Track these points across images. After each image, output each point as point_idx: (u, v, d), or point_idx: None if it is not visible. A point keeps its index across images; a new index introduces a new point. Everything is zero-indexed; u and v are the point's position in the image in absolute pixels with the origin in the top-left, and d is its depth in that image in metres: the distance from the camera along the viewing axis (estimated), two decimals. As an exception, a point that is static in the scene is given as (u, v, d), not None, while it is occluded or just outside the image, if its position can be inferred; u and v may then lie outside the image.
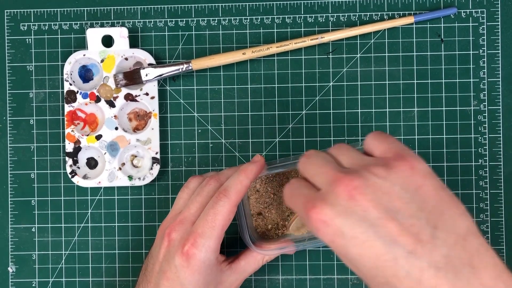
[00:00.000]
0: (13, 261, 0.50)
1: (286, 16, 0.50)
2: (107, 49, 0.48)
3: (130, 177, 0.48)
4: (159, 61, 0.50)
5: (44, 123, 0.50)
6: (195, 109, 0.50)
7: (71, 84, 0.49)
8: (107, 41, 0.49)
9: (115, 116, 0.49)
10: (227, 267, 0.43)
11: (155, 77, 0.48)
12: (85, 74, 0.50)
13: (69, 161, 0.49)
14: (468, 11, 0.49)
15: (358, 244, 0.29)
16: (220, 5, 0.50)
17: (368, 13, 0.50)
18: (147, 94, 0.49)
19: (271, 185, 0.47)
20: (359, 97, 0.49)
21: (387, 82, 0.49)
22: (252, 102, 0.50)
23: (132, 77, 0.48)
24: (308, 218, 0.30)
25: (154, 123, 0.49)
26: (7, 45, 0.50)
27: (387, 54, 0.49)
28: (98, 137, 0.49)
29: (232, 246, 0.50)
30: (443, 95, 0.49)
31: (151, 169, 0.49)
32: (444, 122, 0.49)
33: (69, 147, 0.49)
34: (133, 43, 0.50)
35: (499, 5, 0.49)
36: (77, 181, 0.48)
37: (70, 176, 0.48)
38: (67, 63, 0.48)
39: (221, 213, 0.39)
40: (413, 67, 0.49)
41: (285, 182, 0.47)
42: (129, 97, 0.49)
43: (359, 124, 0.49)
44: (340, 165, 0.33)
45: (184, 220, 0.41)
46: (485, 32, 0.49)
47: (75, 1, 0.50)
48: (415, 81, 0.49)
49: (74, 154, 0.49)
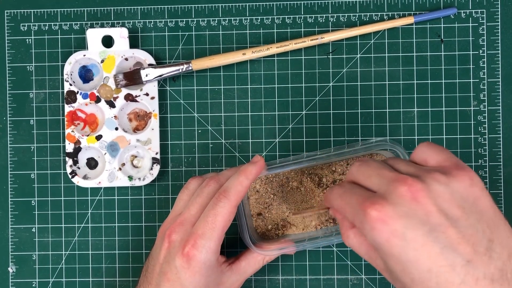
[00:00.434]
0: (13, 261, 0.50)
1: (286, 17, 0.50)
2: (107, 50, 0.48)
3: (130, 178, 0.49)
4: (159, 62, 0.50)
5: (44, 124, 0.50)
6: (195, 109, 0.50)
7: (71, 85, 0.49)
8: (107, 42, 0.49)
9: (115, 116, 0.49)
10: (227, 268, 0.43)
11: (155, 78, 0.48)
12: (85, 74, 0.50)
13: (69, 161, 0.49)
14: (468, 11, 0.49)
15: (416, 247, 0.29)
16: (220, 5, 0.50)
17: (368, 14, 0.50)
18: (147, 94, 0.49)
19: (271, 185, 0.47)
20: (359, 97, 0.49)
21: (387, 83, 0.49)
22: (252, 102, 0.50)
23: (132, 77, 0.48)
24: (365, 215, 0.30)
25: (154, 123, 0.49)
26: (7, 45, 0.50)
27: (387, 55, 0.49)
28: (98, 137, 0.49)
29: (232, 246, 0.50)
30: (443, 95, 0.49)
31: (151, 169, 0.49)
32: (444, 123, 0.49)
33: (69, 147, 0.49)
34: (133, 44, 0.50)
35: (499, 6, 0.49)
36: (77, 181, 0.49)
37: (70, 176, 0.49)
38: (67, 64, 0.48)
39: (221, 214, 0.39)
40: (413, 67, 0.49)
41: (284, 182, 0.47)
42: (129, 98, 0.49)
43: (359, 124, 0.49)
44: (398, 171, 0.33)
45: (184, 222, 0.41)
46: (485, 32, 0.49)
47: (75, 1, 0.50)
48: (415, 82, 0.49)
49: (74, 155, 0.49)
